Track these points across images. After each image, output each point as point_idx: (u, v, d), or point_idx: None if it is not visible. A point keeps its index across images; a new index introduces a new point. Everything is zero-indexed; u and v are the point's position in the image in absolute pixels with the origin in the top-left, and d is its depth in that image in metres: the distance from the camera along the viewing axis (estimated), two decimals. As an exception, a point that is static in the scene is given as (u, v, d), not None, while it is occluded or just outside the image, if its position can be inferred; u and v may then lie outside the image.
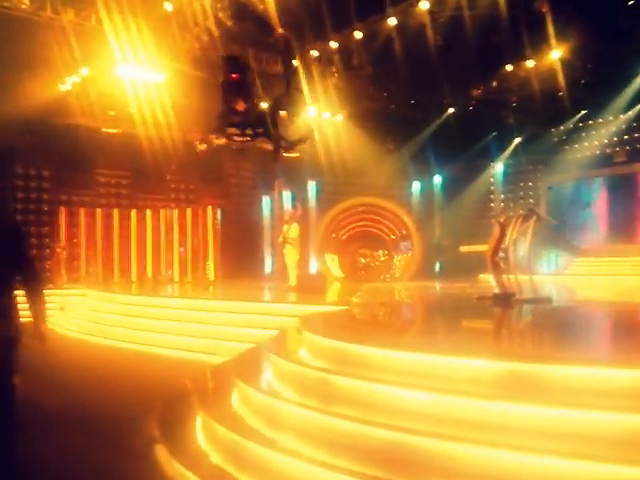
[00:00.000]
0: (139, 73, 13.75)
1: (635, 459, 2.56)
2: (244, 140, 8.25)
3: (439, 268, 18.60)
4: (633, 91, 16.30)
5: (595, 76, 15.17)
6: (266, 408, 3.88)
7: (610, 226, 18.58)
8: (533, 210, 8.68)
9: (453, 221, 19.88)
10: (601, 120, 18.44)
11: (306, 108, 11.97)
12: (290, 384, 4.16)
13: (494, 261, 7.37)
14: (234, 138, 8.13)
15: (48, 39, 12.12)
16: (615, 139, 18.43)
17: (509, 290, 7.35)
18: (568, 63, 14.31)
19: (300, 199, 17.20)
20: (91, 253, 16.19)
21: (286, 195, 18.65)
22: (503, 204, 20.64)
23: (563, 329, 5.65)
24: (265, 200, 19.68)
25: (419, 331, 6.12)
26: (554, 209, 18.64)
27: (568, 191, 19.55)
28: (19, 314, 3.02)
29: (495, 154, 20.21)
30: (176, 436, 4.14)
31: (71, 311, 11.91)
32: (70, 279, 15.10)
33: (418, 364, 3.65)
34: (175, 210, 17.08)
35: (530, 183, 20.31)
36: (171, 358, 7.70)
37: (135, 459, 3.92)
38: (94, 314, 10.84)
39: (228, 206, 18.44)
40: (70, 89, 14.55)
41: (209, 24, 12.12)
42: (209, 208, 16.96)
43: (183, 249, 16.57)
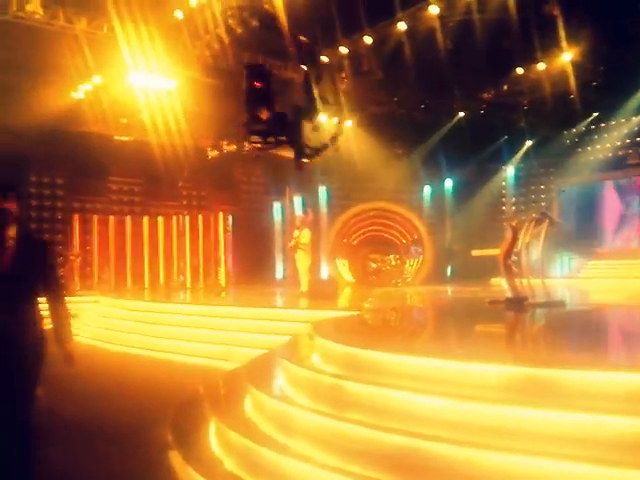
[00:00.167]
0: (151, 81, 13.87)
1: (653, 465, 2.53)
2: (266, 148, 8.29)
3: (450, 272, 18.52)
4: (645, 93, 16.18)
5: (607, 78, 15.05)
6: (279, 414, 3.88)
7: (623, 228, 18.40)
8: (546, 214, 8.65)
9: (464, 225, 19.80)
10: (613, 122, 18.30)
11: (328, 115, 11.99)
12: (303, 390, 4.16)
13: (506, 265, 7.33)
14: (257, 146, 8.17)
15: (61, 48, 12.25)
16: (627, 141, 18.28)
17: (522, 294, 7.31)
18: (579, 66, 14.22)
19: (311, 204, 17.26)
20: (104, 260, 16.32)
21: (297, 201, 18.71)
22: (515, 208, 20.52)
23: (576, 333, 5.60)
24: (276, 206, 19.75)
25: (431, 336, 6.10)
26: (566, 212, 18.51)
27: (580, 194, 19.39)
28: (43, 322, 3.03)
29: (506, 157, 20.10)
30: (190, 442, 4.15)
31: (84, 318, 12.00)
32: (83, 286, 15.23)
33: (431, 369, 3.64)
34: (187, 216, 17.18)
35: (542, 186, 20.18)
36: (184, 364, 7.73)
37: (149, 465, 3.93)
38: (107, 321, 10.92)
39: (239, 212, 18.53)
40: (83, 97, 14.69)
41: (220, 31, 12.20)
42: (220, 214, 17.05)
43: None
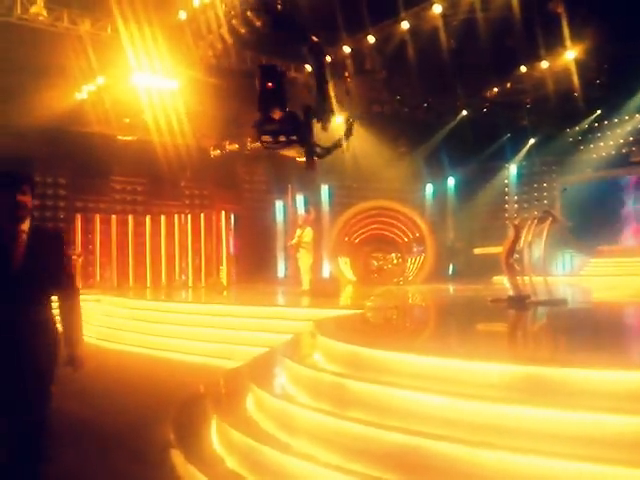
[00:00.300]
0: (154, 81, 13.90)
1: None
2: (278, 147, 8.28)
3: (452, 270, 18.50)
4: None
5: (610, 76, 15.03)
6: (281, 412, 3.89)
7: (626, 226, 18.35)
8: (548, 212, 8.62)
9: (467, 223, 19.77)
10: (616, 120, 18.25)
11: (338, 115, 12.00)
12: (304, 388, 4.16)
13: (509, 263, 7.32)
14: (268, 146, 8.17)
15: (65, 49, 12.30)
16: (631, 139, 18.23)
17: (524, 292, 7.30)
18: (583, 63, 14.19)
19: (313, 203, 17.25)
20: (106, 259, 16.36)
21: (299, 199, 18.71)
22: (517, 206, 20.48)
23: (579, 331, 5.59)
24: (278, 205, 19.75)
25: (433, 334, 6.09)
26: (569, 210, 18.46)
27: (583, 192, 19.35)
28: (56, 323, 2.96)
29: (509, 156, 20.07)
30: (192, 441, 4.16)
31: (86, 317, 11.98)
32: (85, 285, 15.26)
33: (433, 368, 3.63)
34: (189, 216, 17.20)
35: (545, 184, 20.13)
36: (185, 363, 7.74)
37: (151, 464, 3.94)
38: (109, 319, 10.94)
39: (241, 211, 18.55)
40: (86, 97, 14.74)
41: (223, 32, 12.21)
42: (223, 213, 17.06)
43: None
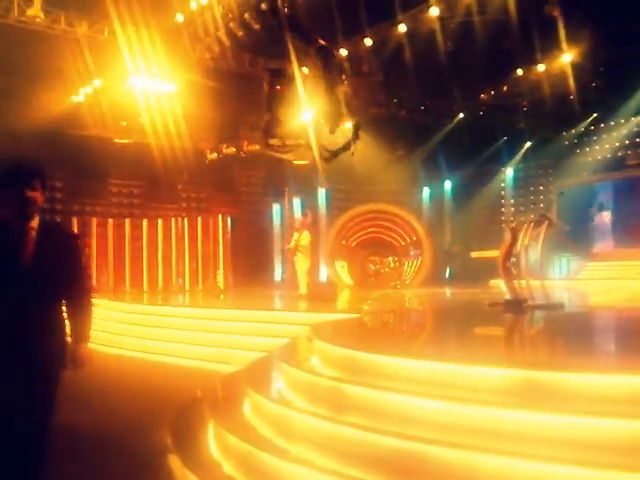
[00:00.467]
0: (151, 84, 13.89)
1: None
2: (286, 150, 8.30)
3: (449, 274, 18.53)
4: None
5: (606, 79, 15.08)
6: (278, 417, 3.88)
7: (622, 230, 18.41)
8: (545, 215, 8.65)
9: (463, 227, 19.81)
10: (612, 123, 18.32)
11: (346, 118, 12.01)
12: (301, 393, 4.16)
13: (505, 267, 7.35)
14: (275, 149, 8.18)
15: (62, 51, 12.30)
16: (627, 142, 18.30)
17: (521, 296, 7.31)
18: (579, 67, 14.24)
19: (310, 206, 17.24)
20: (102, 263, 16.31)
21: (296, 203, 18.71)
22: (514, 209, 20.53)
23: (575, 336, 5.60)
24: (275, 208, 19.75)
25: (431, 339, 6.10)
26: (565, 213, 18.52)
27: (580, 195, 19.41)
28: (64, 324, 2.83)
29: (506, 159, 20.13)
30: (188, 445, 4.15)
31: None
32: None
33: (430, 372, 3.63)
34: (186, 219, 17.18)
35: (541, 187, 20.20)
36: (182, 367, 7.72)
37: (148, 468, 3.93)
38: (105, 323, 10.88)
39: (238, 214, 18.52)
40: (83, 100, 14.73)
41: (221, 34, 12.22)
42: (219, 216, 17.05)
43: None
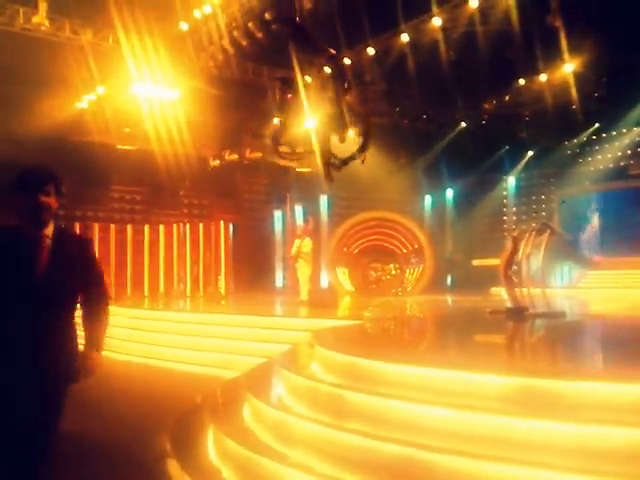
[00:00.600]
0: (154, 91, 13.96)
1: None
2: (295, 158, 8.33)
3: (451, 282, 18.51)
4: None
5: (608, 89, 15.13)
6: (278, 423, 3.88)
7: (624, 239, 18.37)
8: (547, 224, 8.67)
9: (465, 235, 19.80)
10: (614, 133, 18.36)
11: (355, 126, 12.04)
12: (302, 399, 4.15)
13: (507, 275, 7.35)
14: (285, 157, 8.21)
15: (66, 59, 12.37)
16: (629, 152, 18.32)
17: (522, 304, 7.31)
18: (581, 77, 14.29)
19: (312, 213, 17.26)
20: (104, 268, 16.25)
21: (298, 209, 18.74)
22: (516, 218, 20.53)
23: (577, 344, 5.59)
24: (277, 215, 19.78)
25: (432, 346, 6.09)
26: (567, 222, 18.51)
27: (582, 204, 19.41)
28: (77, 337, 2.70)
29: (508, 168, 20.17)
30: (188, 451, 4.14)
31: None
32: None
33: (431, 379, 3.63)
34: (188, 225, 17.20)
35: (543, 196, 20.21)
36: (183, 372, 7.71)
37: (147, 473, 3.93)
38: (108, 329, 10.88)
39: (240, 221, 18.56)
40: (87, 107, 14.80)
41: (224, 43, 12.30)
42: (221, 223, 17.07)
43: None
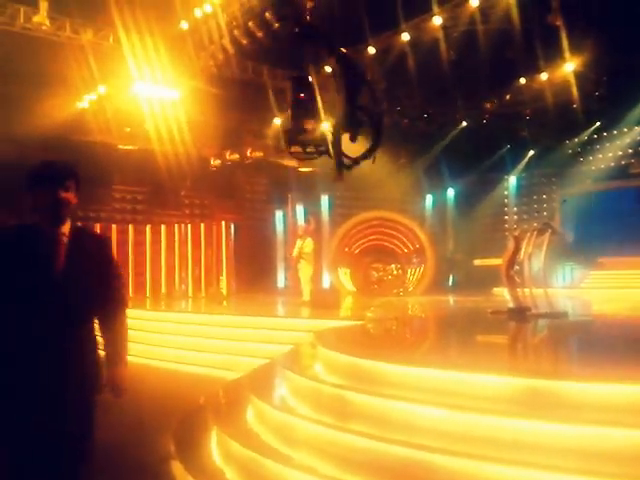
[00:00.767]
0: (155, 91, 13.96)
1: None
2: (306, 158, 8.30)
3: (452, 282, 18.49)
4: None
5: (609, 88, 15.12)
6: (281, 424, 3.88)
7: (626, 239, 18.35)
8: (548, 224, 8.65)
9: (466, 235, 19.78)
10: (615, 132, 18.33)
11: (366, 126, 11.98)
12: (305, 400, 4.15)
13: (509, 275, 7.34)
14: (296, 156, 8.17)
15: (67, 58, 12.36)
16: (630, 151, 18.30)
17: (524, 304, 7.30)
18: (582, 76, 14.28)
19: (313, 213, 17.26)
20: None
21: (299, 210, 18.74)
22: (517, 217, 20.52)
23: (579, 344, 5.59)
24: (278, 215, 19.77)
25: (434, 346, 6.09)
26: (569, 221, 18.51)
27: (583, 203, 19.38)
28: (97, 343, 2.56)
29: (509, 167, 20.13)
30: (191, 452, 4.14)
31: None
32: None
33: (434, 380, 3.63)
34: (189, 225, 17.20)
35: (544, 196, 20.19)
36: (185, 373, 7.72)
37: (151, 475, 3.93)
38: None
39: (242, 221, 18.55)
40: (88, 107, 14.79)
41: (225, 42, 12.30)
42: (223, 223, 17.07)
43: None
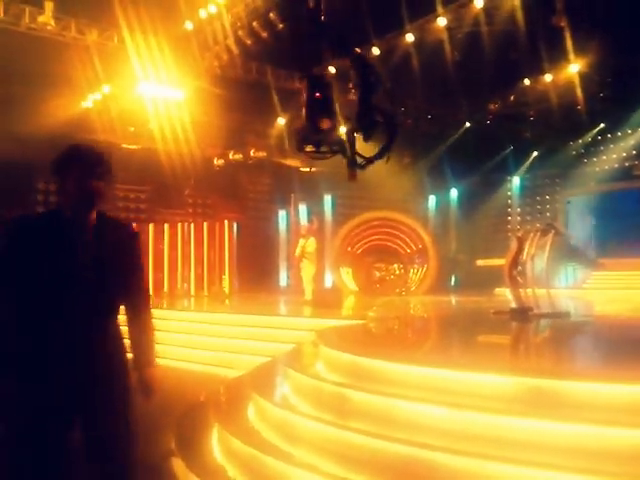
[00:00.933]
0: (159, 91, 14.01)
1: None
2: (320, 157, 8.30)
3: (455, 282, 18.48)
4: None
5: (614, 90, 15.10)
6: (282, 422, 3.89)
7: (629, 240, 18.30)
8: (551, 225, 8.66)
9: (469, 235, 19.78)
10: (619, 133, 18.30)
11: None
12: (306, 398, 4.17)
13: (511, 275, 7.34)
14: (310, 155, 8.17)
15: (72, 58, 12.42)
16: (634, 152, 18.26)
17: (526, 304, 7.30)
18: (586, 77, 14.27)
19: (316, 213, 17.28)
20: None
21: (302, 209, 18.75)
22: (520, 218, 20.49)
23: (581, 344, 5.59)
24: (281, 214, 19.80)
25: (436, 346, 6.09)
26: (572, 222, 18.48)
27: (587, 204, 19.34)
28: (124, 340, 2.45)
29: (512, 168, 20.12)
30: (193, 449, 4.16)
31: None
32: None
33: (435, 379, 3.64)
34: (192, 224, 17.23)
35: (547, 197, 20.17)
36: (187, 371, 7.74)
37: (152, 472, 3.94)
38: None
39: (244, 220, 18.59)
40: (92, 106, 14.85)
41: (229, 43, 12.34)
42: (225, 222, 17.10)
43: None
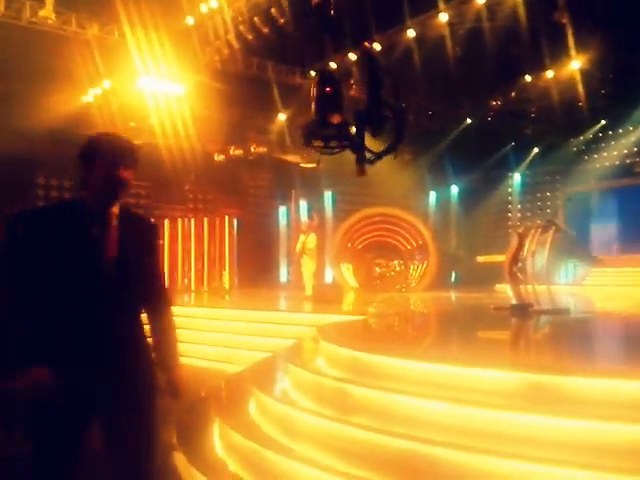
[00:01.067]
0: (160, 85, 13.97)
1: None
2: (328, 152, 8.29)
3: (455, 278, 18.49)
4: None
5: (615, 86, 15.06)
6: (283, 417, 3.91)
7: (630, 236, 18.31)
8: (552, 221, 8.66)
9: (469, 231, 19.79)
10: (621, 130, 18.27)
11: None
12: (307, 393, 4.18)
13: (512, 271, 7.35)
14: (318, 150, 8.15)
15: (72, 52, 12.36)
16: (635, 149, 18.23)
17: (526, 301, 7.31)
18: (588, 74, 14.23)
19: (316, 209, 17.28)
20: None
21: (303, 205, 18.76)
22: (521, 215, 20.49)
23: (581, 340, 5.60)
24: (282, 210, 19.81)
25: (436, 341, 6.11)
26: (573, 219, 18.46)
27: (587, 201, 19.33)
28: (147, 340, 2.36)
29: (513, 165, 20.10)
30: (194, 444, 4.18)
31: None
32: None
33: (435, 374, 3.65)
34: (192, 220, 17.24)
35: (548, 194, 20.16)
36: (188, 366, 7.73)
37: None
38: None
39: (245, 216, 18.59)
40: (92, 101, 14.81)
41: (230, 37, 12.31)
42: (226, 218, 17.10)
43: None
